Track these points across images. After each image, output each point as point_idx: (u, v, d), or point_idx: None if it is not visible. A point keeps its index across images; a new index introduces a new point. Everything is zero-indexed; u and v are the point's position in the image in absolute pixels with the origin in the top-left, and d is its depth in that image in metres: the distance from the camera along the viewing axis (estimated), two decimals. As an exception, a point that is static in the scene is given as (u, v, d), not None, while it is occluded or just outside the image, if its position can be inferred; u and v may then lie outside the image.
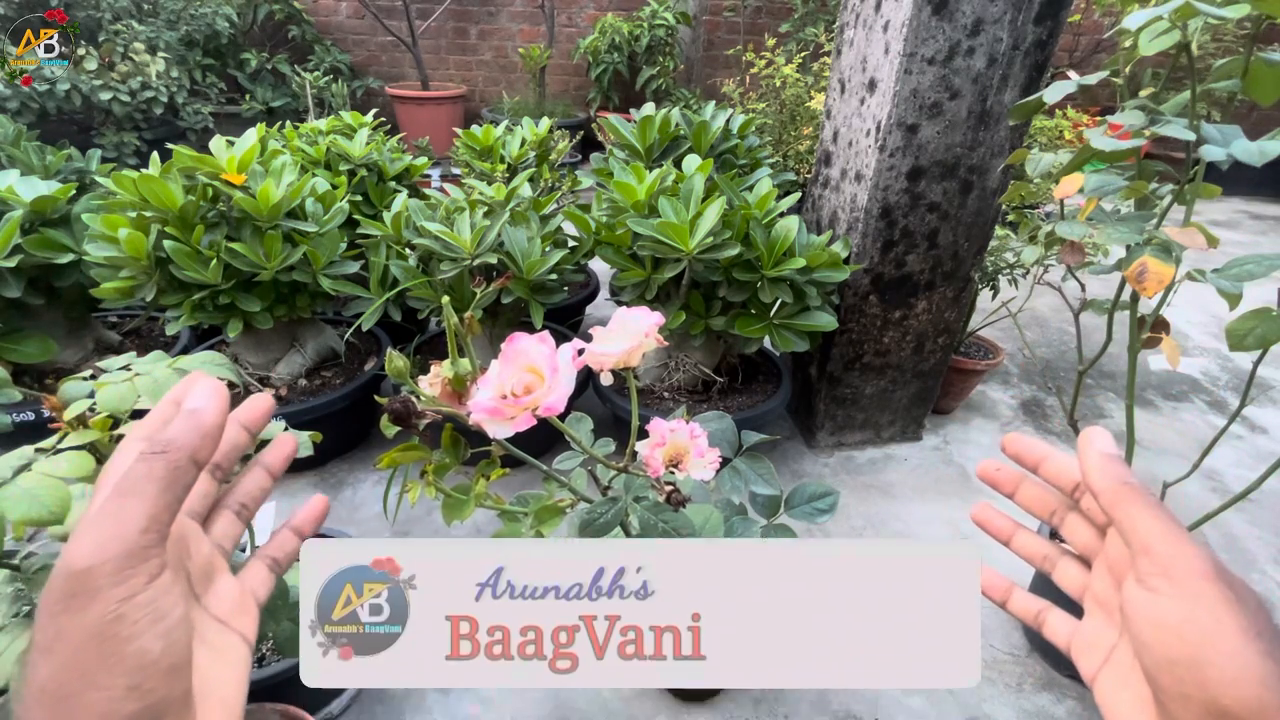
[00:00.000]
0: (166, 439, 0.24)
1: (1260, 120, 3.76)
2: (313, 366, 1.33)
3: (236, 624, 0.27)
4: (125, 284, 1.04)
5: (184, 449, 0.24)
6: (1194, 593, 0.24)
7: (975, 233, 1.26)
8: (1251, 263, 0.67)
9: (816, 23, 3.33)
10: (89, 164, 1.32)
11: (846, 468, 1.43)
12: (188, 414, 0.25)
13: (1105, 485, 0.27)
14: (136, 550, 0.22)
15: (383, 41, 3.65)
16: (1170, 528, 0.25)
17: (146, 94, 2.63)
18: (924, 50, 1.05)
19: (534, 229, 1.16)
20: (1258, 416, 1.68)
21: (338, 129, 1.50)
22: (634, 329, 0.39)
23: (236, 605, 0.27)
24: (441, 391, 0.39)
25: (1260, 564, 1.21)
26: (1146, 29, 0.63)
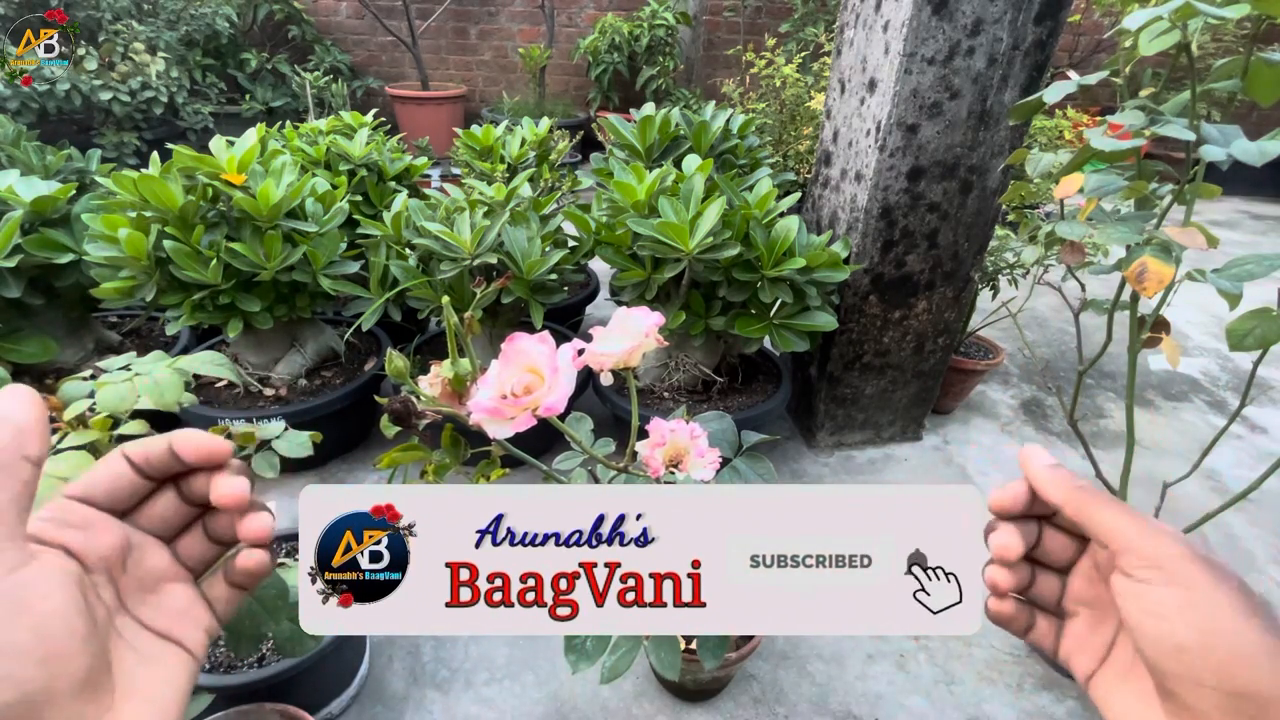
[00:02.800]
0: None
1: (1260, 120, 3.76)
2: (313, 366, 1.33)
3: (177, 633, 0.27)
4: (125, 284, 1.04)
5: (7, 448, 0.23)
6: (1186, 578, 0.24)
7: (975, 233, 1.26)
8: (1251, 263, 0.67)
9: (816, 23, 3.33)
10: (89, 164, 1.32)
11: (846, 468, 1.43)
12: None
13: (1063, 495, 0.27)
14: None
15: (383, 41, 3.65)
16: (1141, 521, 0.26)
17: (146, 94, 2.63)
18: (924, 50, 1.05)
19: (534, 229, 1.16)
20: (1258, 416, 1.68)
21: (338, 129, 1.50)
22: (634, 329, 0.39)
23: (181, 615, 0.27)
24: (441, 391, 0.39)
25: (1260, 564, 1.21)
26: (1146, 29, 0.63)
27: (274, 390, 1.27)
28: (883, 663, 1.00)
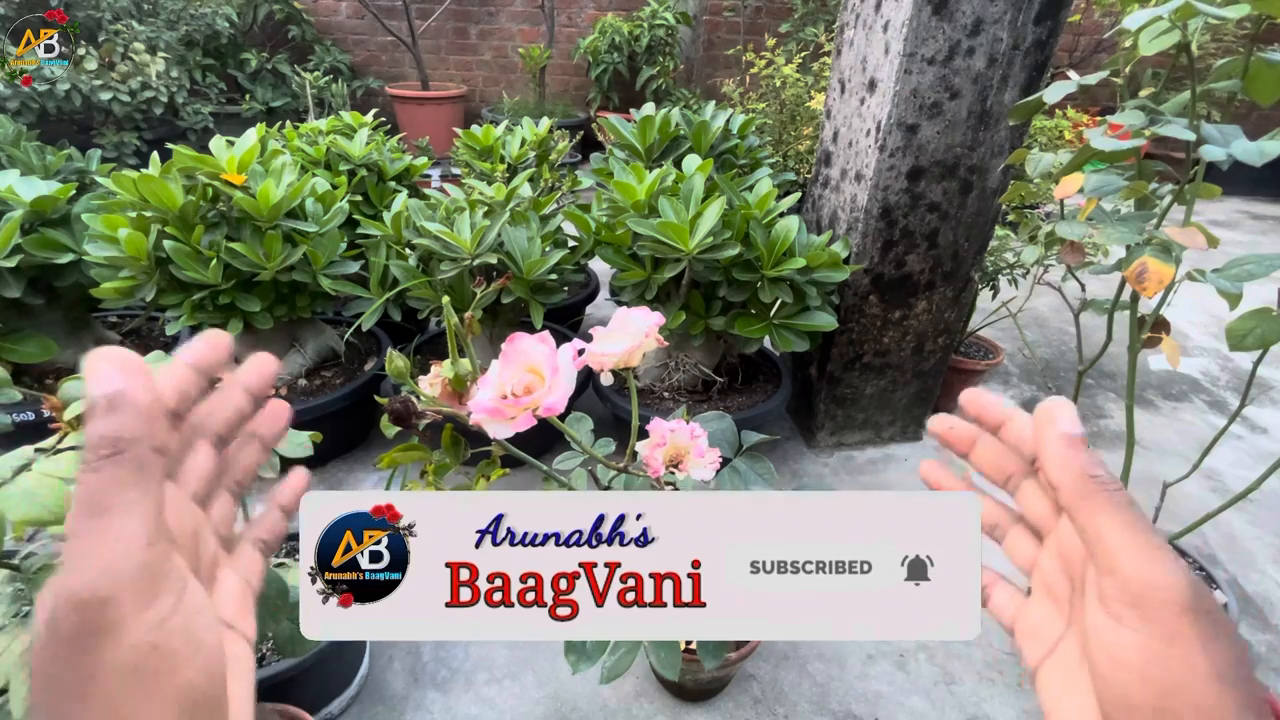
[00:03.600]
0: (111, 436, 0.19)
1: (1260, 120, 3.76)
2: (313, 366, 1.33)
3: (242, 625, 0.25)
4: (125, 284, 1.04)
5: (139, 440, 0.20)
6: (1167, 631, 0.20)
7: (975, 233, 1.26)
8: (1251, 263, 0.67)
9: (816, 23, 3.33)
10: (89, 164, 1.32)
11: (846, 468, 1.43)
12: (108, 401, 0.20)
13: (1066, 478, 0.24)
14: (151, 566, 0.19)
15: (383, 41, 3.65)
16: (1140, 542, 0.21)
17: (146, 94, 2.63)
18: (924, 50, 1.05)
19: (534, 229, 1.16)
20: (1258, 416, 1.68)
21: (338, 129, 1.50)
22: (634, 329, 0.39)
23: (239, 603, 0.25)
24: (441, 391, 0.39)
25: (1260, 564, 1.21)
26: (1146, 29, 0.63)
27: (274, 390, 1.27)
28: (883, 663, 1.00)
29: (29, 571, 0.44)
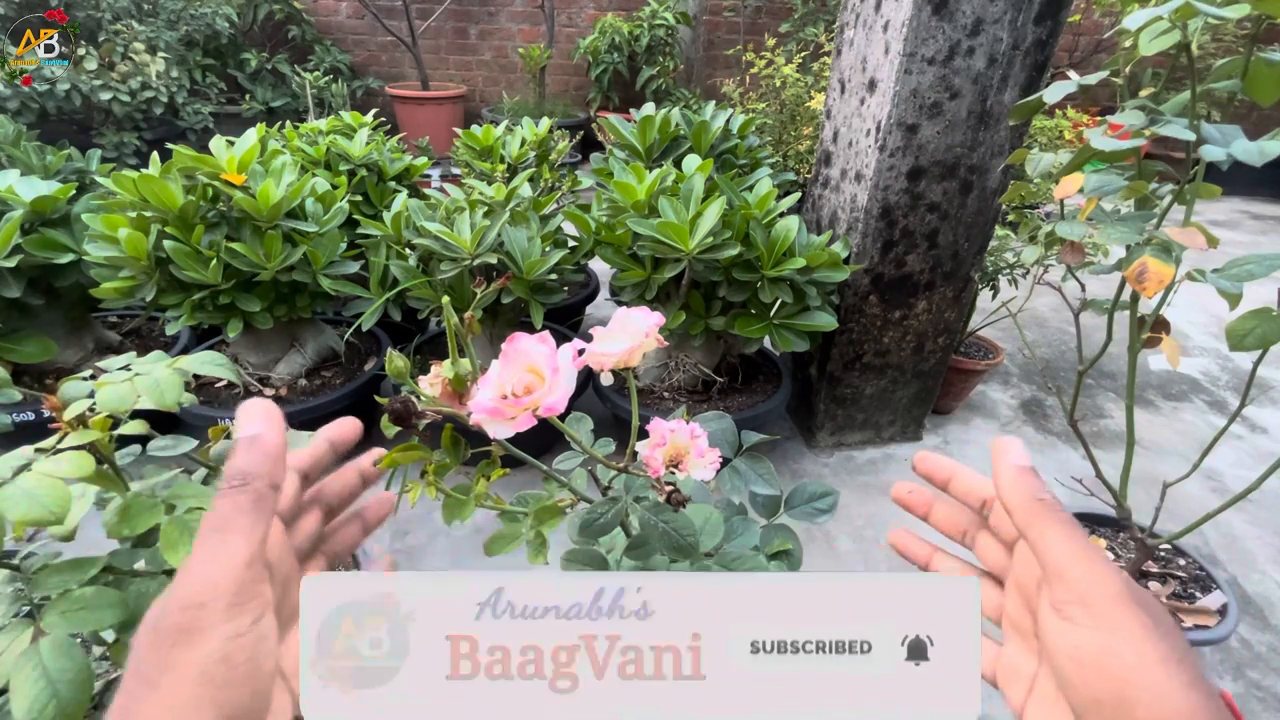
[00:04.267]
0: (241, 470, 0.24)
1: (1260, 120, 3.76)
2: (313, 366, 1.33)
3: (294, 683, 0.26)
4: (125, 284, 1.04)
5: (262, 476, 0.24)
6: (1111, 621, 0.23)
7: (975, 233, 1.26)
8: (1251, 263, 0.67)
9: (816, 23, 3.33)
10: (89, 164, 1.32)
11: (846, 467, 1.43)
12: (248, 442, 0.25)
13: (1018, 501, 0.27)
14: (245, 585, 0.22)
15: (383, 41, 3.65)
16: (1082, 549, 0.24)
17: (146, 94, 2.63)
18: (924, 50, 1.05)
19: (534, 229, 1.16)
20: (1258, 416, 1.68)
21: (338, 129, 1.50)
22: (634, 329, 0.39)
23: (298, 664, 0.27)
24: (441, 391, 0.39)
25: (1260, 564, 1.21)
26: (1146, 29, 0.63)
27: (274, 390, 1.27)
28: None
29: (29, 571, 0.44)
